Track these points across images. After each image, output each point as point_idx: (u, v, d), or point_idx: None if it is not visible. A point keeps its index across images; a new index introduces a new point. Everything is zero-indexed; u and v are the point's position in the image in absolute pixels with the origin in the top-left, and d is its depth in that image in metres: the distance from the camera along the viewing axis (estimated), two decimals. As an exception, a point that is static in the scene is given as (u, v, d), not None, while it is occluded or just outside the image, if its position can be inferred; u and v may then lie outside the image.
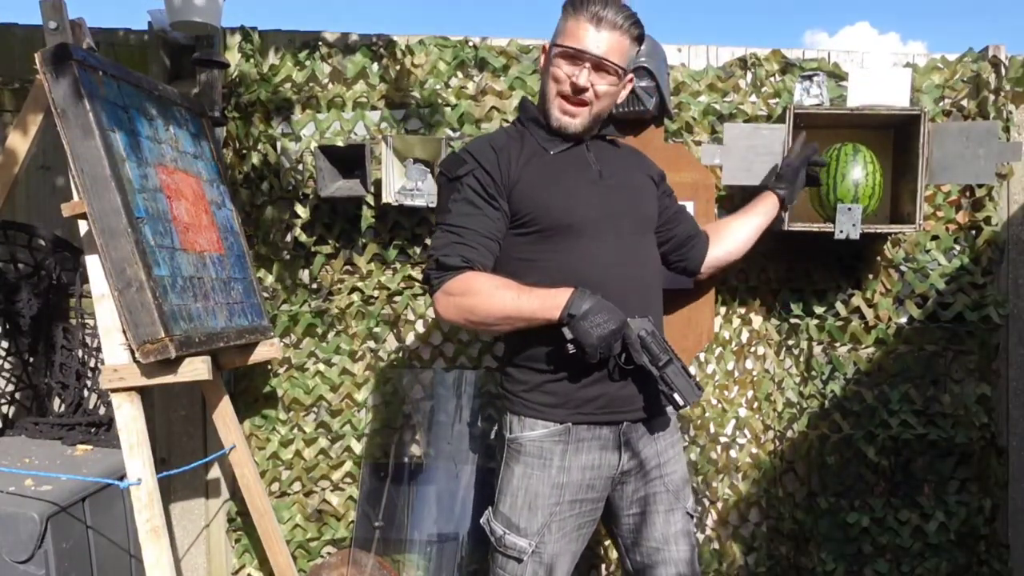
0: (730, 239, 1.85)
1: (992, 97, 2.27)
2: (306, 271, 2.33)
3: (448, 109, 2.30)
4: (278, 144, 2.30)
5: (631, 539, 1.60)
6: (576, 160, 1.56)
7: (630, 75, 1.58)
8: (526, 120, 1.60)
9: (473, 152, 1.52)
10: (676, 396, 1.42)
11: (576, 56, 1.49)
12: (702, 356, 2.34)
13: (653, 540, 1.57)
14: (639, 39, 1.54)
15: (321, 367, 2.35)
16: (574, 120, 1.52)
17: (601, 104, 1.53)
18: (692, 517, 1.61)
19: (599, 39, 1.48)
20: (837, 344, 2.34)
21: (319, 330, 2.34)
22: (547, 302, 1.42)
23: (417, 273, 2.34)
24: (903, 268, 2.32)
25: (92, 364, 2.26)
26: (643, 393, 1.52)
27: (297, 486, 2.37)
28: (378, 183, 2.23)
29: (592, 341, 1.36)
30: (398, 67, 2.29)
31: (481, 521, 1.61)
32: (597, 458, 1.52)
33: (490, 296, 1.44)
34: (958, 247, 2.32)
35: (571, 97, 1.51)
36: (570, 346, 1.39)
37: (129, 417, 1.68)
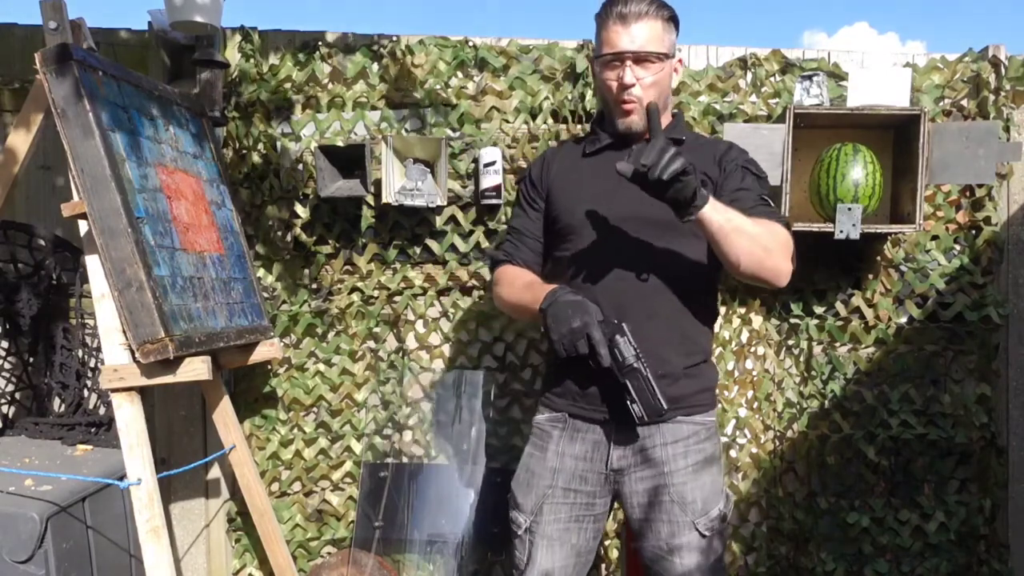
0: None
1: (992, 97, 2.27)
2: (306, 271, 2.33)
3: (448, 109, 2.30)
4: (278, 144, 2.30)
5: (639, 538, 1.60)
6: (607, 162, 1.58)
7: (678, 57, 1.61)
8: (591, 127, 1.73)
9: (532, 161, 1.79)
10: (635, 407, 1.44)
11: (615, 59, 1.54)
12: (702, 356, 2.34)
13: (656, 545, 1.56)
14: (671, 19, 1.57)
15: (321, 367, 2.35)
16: (634, 117, 1.56)
17: (652, 94, 1.55)
18: (703, 536, 1.53)
19: (630, 34, 1.52)
20: (837, 344, 2.34)
21: (319, 330, 2.34)
22: (537, 295, 1.52)
23: (417, 273, 2.34)
24: (903, 268, 2.32)
25: (92, 364, 2.26)
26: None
27: (297, 486, 2.37)
28: (378, 183, 2.23)
29: (555, 336, 1.44)
30: (398, 67, 2.29)
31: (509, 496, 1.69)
32: (589, 451, 1.57)
33: (507, 286, 1.66)
34: (958, 247, 2.32)
35: (624, 98, 1.55)
36: (547, 340, 1.47)
37: (129, 417, 1.67)
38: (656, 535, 1.55)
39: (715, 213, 1.40)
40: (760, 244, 1.45)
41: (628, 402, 1.44)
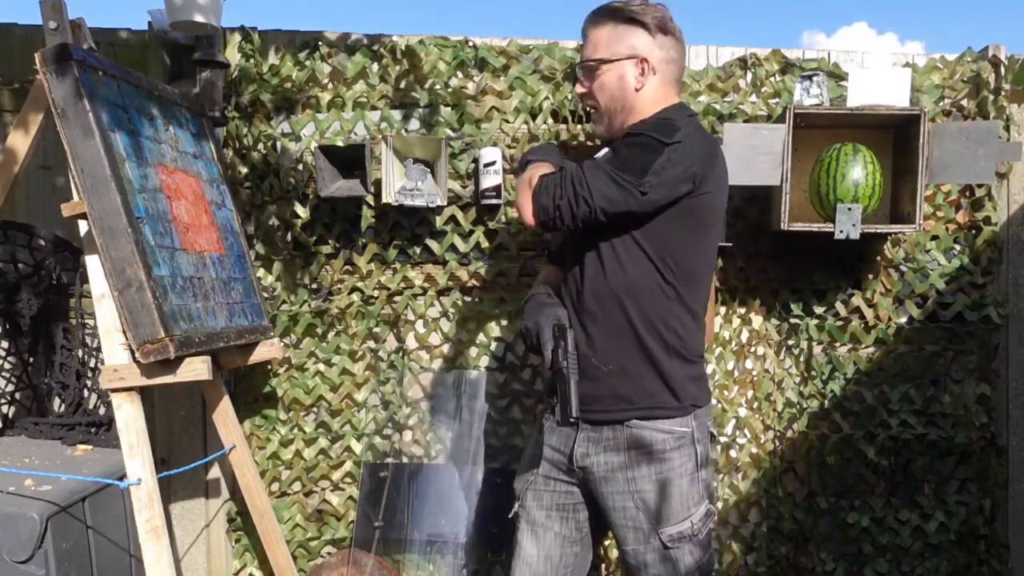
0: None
1: (992, 97, 2.27)
2: (306, 271, 2.33)
3: (448, 109, 2.30)
4: (278, 144, 2.30)
5: (616, 541, 1.63)
6: None
7: (638, 56, 1.54)
8: None
9: None
10: (556, 409, 1.48)
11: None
12: (702, 356, 2.34)
13: (624, 551, 1.58)
14: (625, 20, 1.55)
15: (321, 367, 2.35)
16: (595, 124, 1.66)
17: (602, 99, 1.59)
18: (666, 547, 1.52)
19: (583, 47, 1.61)
20: (837, 344, 2.34)
21: (319, 330, 2.34)
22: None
23: (417, 273, 2.34)
24: (903, 268, 2.32)
25: (92, 364, 2.26)
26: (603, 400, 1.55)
27: (297, 486, 2.37)
28: (378, 183, 2.23)
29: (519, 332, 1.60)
30: (398, 67, 2.29)
31: None
32: (561, 444, 1.61)
33: (535, 282, 1.80)
34: (958, 247, 2.32)
35: (585, 107, 1.66)
36: None
37: (129, 417, 1.68)
38: (624, 540, 1.57)
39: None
40: (517, 192, 1.61)
41: (553, 403, 1.50)
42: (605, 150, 1.52)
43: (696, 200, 1.49)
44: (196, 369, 1.70)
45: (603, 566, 2.36)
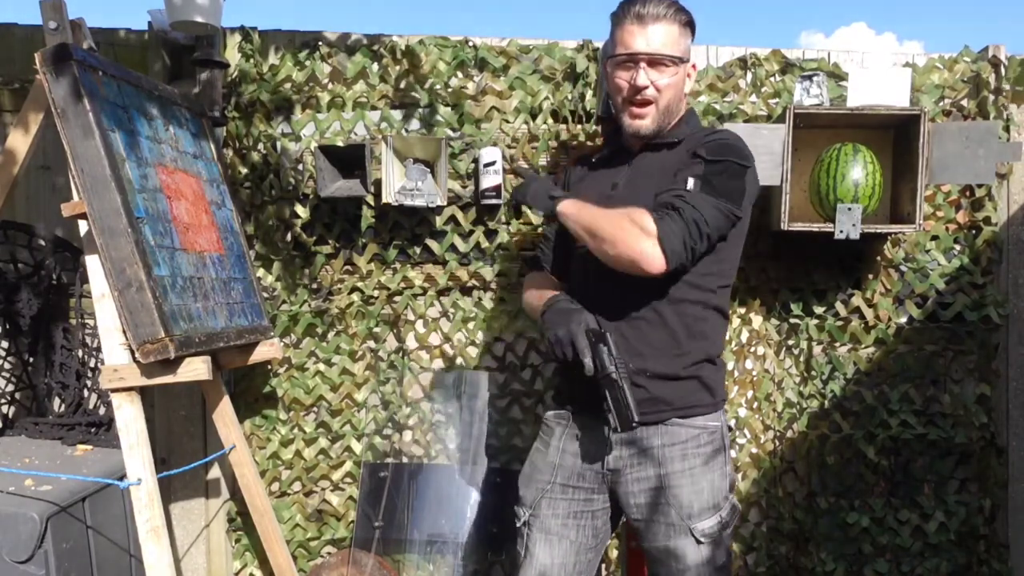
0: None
1: (992, 97, 2.27)
2: (306, 271, 2.33)
3: (448, 109, 2.30)
4: (278, 144, 2.30)
5: (640, 538, 1.61)
6: (607, 172, 1.64)
7: (691, 62, 1.59)
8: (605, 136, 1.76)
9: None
10: (610, 416, 1.44)
11: (629, 60, 1.52)
12: (702, 356, 2.34)
13: (654, 547, 1.57)
14: (688, 24, 1.55)
15: (321, 367, 2.35)
16: (644, 121, 1.55)
17: (666, 97, 1.54)
18: (699, 542, 1.52)
19: (646, 35, 1.51)
20: (837, 344, 2.34)
21: (319, 330, 2.34)
22: (540, 303, 1.60)
23: (417, 273, 2.34)
24: (903, 268, 2.32)
25: (92, 364, 2.26)
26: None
27: (297, 486, 2.37)
28: (378, 183, 2.23)
29: (546, 344, 1.55)
30: (398, 67, 2.29)
31: None
32: (590, 450, 1.58)
33: (526, 291, 1.75)
34: (958, 247, 2.32)
35: (636, 100, 1.54)
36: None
37: (129, 417, 1.68)
38: (654, 536, 1.56)
39: (566, 218, 1.53)
40: (600, 236, 1.47)
41: (604, 409, 1.46)
42: (692, 181, 1.45)
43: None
44: (196, 369, 1.70)
45: (603, 566, 2.36)
